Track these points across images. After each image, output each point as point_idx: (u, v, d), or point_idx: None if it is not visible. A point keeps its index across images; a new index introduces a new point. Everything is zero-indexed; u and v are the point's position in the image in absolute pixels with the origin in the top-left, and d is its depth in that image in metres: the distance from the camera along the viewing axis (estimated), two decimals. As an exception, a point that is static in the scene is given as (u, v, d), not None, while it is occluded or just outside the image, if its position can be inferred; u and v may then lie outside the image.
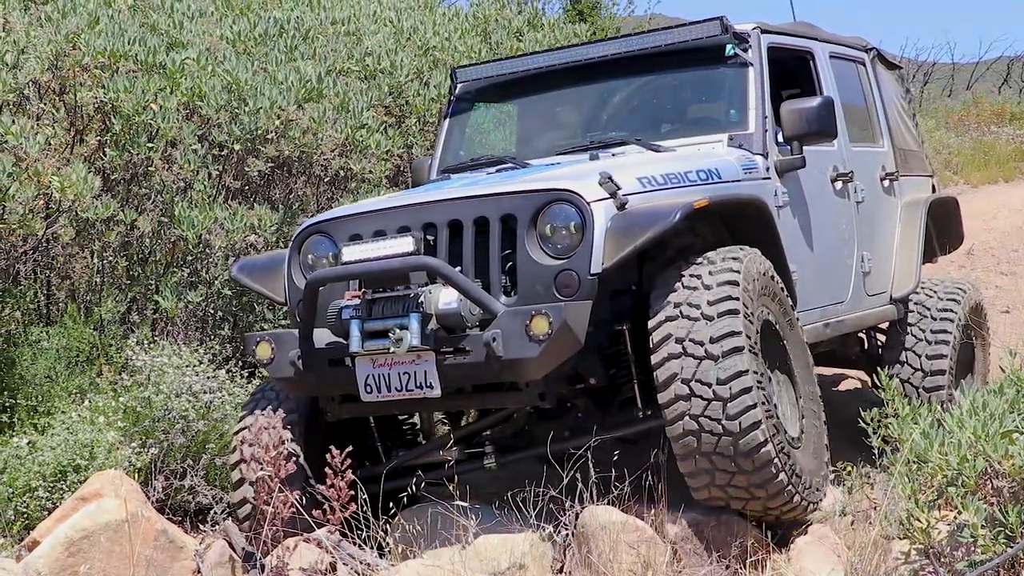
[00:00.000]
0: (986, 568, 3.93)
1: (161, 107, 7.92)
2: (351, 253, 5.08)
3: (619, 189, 4.97)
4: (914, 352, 7.50)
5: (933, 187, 8.61)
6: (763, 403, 4.81)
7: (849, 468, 5.93)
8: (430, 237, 5.20)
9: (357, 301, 5.05)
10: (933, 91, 38.78)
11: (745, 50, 6.25)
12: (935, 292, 7.75)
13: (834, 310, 6.79)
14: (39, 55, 7.66)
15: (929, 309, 7.59)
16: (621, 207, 4.95)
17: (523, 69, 7.11)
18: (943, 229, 8.41)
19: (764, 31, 6.41)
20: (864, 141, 7.59)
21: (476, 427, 6.09)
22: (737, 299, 4.90)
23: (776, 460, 4.81)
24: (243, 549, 5.51)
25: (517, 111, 7.50)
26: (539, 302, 4.83)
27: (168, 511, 6.22)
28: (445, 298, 4.93)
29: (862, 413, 5.87)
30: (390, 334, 4.89)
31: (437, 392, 4.94)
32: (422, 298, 4.91)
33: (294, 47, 9.55)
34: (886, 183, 7.73)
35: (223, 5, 10.36)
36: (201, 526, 6.52)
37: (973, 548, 4.12)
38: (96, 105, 7.87)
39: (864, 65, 7.93)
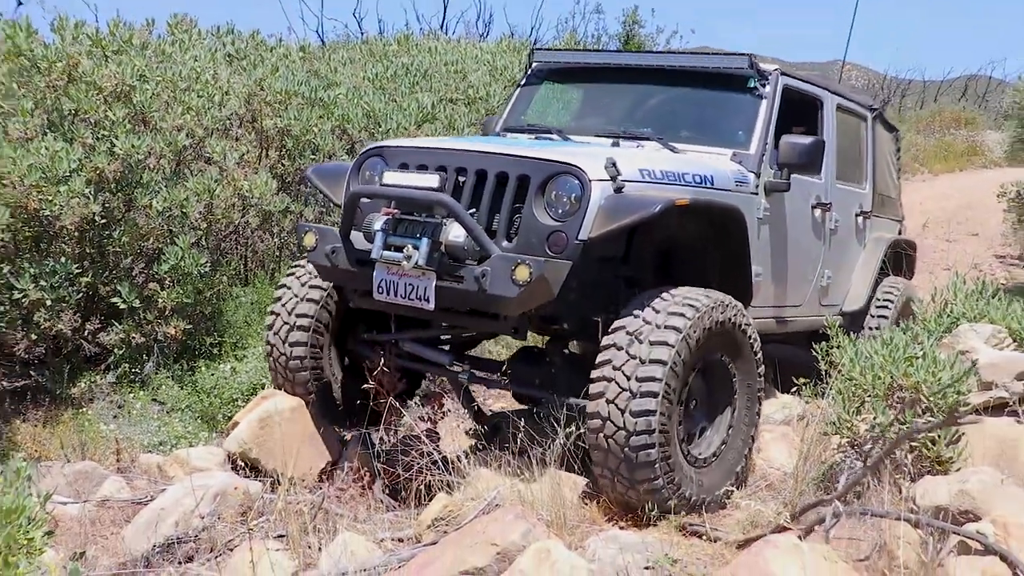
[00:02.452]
0: (888, 449, 3.98)
1: (320, 130, 8.20)
2: (389, 178, 4.81)
3: (619, 175, 4.60)
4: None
5: (900, 231, 8.08)
6: (661, 443, 4.31)
7: (805, 383, 5.87)
8: (461, 179, 4.86)
9: (387, 218, 4.77)
10: (908, 103, 37.90)
11: (763, 85, 5.85)
12: (878, 294, 7.22)
13: (787, 311, 6.35)
14: (237, 95, 7.95)
15: (872, 311, 7.13)
16: (617, 190, 4.58)
17: (585, 61, 6.86)
18: (900, 263, 7.78)
19: (783, 73, 6.03)
20: (850, 181, 7.05)
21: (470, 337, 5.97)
22: (672, 346, 4.36)
23: (664, 489, 4.34)
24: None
25: (578, 95, 6.91)
26: (532, 253, 4.48)
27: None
28: (455, 232, 4.59)
29: (815, 346, 5.93)
30: (405, 250, 4.62)
31: (431, 306, 4.63)
32: (437, 227, 4.63)
33: (415, 83, 9.73)
34: (860, 219, 7.21)
35: (367, 53, 10.59)
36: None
37: (881, 439, 4.16)
38: (276, 129, 8.11)
39: (865, 121, 7.39)
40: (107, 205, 6.79)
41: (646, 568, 3.64)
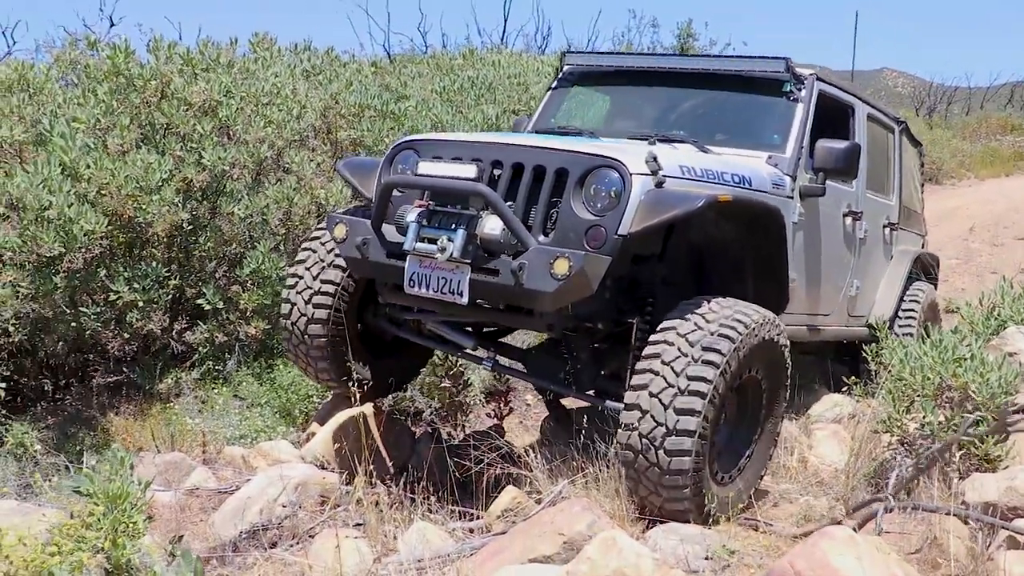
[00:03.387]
0: (932, 451, 3.97)
1: (391, 140, 8.29)
2: (424, 168, 4.52)
3: (660, 169, 4.28)
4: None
5: (923, 246, 7.93)
6: (697, 451, 3.98)
7: (856, 383, 5.86)
8: (496, 172, 4.48)
9: (421, 209, 4.43)
10: (954, 110, 37.33)
11: (799, 89, 5.57)
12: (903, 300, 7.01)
13: (819, 320, 6.04)
14: (314, 109, 8.10)
15: (898, 315, 6.89)
16: (658, 184, 4.25)
17: (618, 65, 6.45)
18: (923, 277, 7.55)
19: (819, 79, 5.74)
20: (878, 192, 6.79)
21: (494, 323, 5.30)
22: (724, 354, 4.06)
23: (688, 501, 4.04)
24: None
25: (609, 99, 6.55)
26: (570, 247, 4.15)
27: (396, 413, 6.17)
28: (491, 225, 4.24)
29: (865, 348, 5.89)
30: (439, 242, 4.28)
31: (464, 300, 4.30)
32: (473, 220, 4.30)
33: (480, 95, 9.81)
34: (887, 230, 6.95)
35: (434, 67, 10.70)
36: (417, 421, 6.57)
37: (931, 437, 4.13)
38: (350, 140, 8.22)
39: (893, 133, 7.15)
40: (194, 213, 6.97)
41: (705, 559, 3.67)
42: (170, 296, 6.96)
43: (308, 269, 5.28)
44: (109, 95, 6.78)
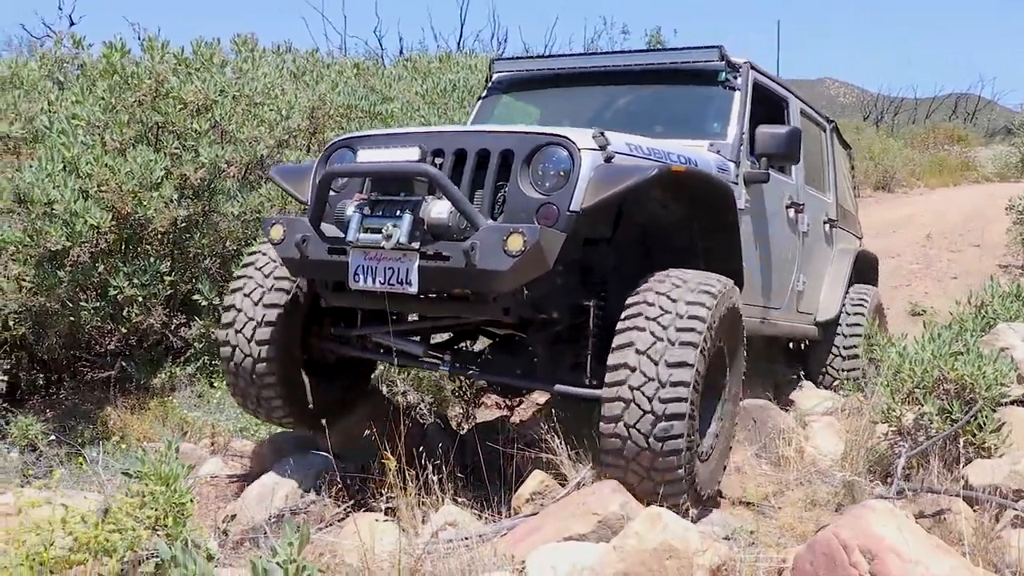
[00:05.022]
0: (937, 438, 4.22)
1: (380, 141, 8.45)
2: (365, 156, 4.29)
3: (608, 144, 4.16)
4: (835, 345, 6.83)
5: (859, 246, 7.82)
6: (688, 433, 3.90)
7: (845, 378, 6.11)
8: (438, 160, 4.29)
9: (362, 201, 4.22)
10: (901, 119, 38.30)
11: (735, 77, 5.50)
12: (850, 297, 7.02)
13: (771, 313, 5.92)
14: (301, 109, 8.21)
15: (848, 312, 6.90)
16: (608, 159, 4.12)
17: (547, 68, 6.16)
18: (863, 276, 7.56)
19: (752, 67, 5.67)
20: (816, 187, 6.76)
21: (444, 325, 5.10)
22: (701, 333, 3.97)
23: (683, 481, 3.95)
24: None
25: (543, 103, 6.26)
26: None
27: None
28: (438, 209, 4.04)
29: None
30: (384, 230, 4.06)
31: (414, 289, 4.06)
32: (418, 205, 4.09)
33: (463, 98, 9.97)
34: (827, 227, 6.94)
35: (413, 71, 10.84)
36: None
37: (929, 428, 4.34)
38: (338, 141, 8.36)
39: (825, 131, 7.19)
40: (190, 209, 7.06)
41: (725, 538, 3.86)
42: (168, 292, 7.04)
43: (247, 296, 4.88)
44: (108, 92, 6.84)
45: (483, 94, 6.46)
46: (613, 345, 4.04)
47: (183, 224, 7.08)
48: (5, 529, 3.38)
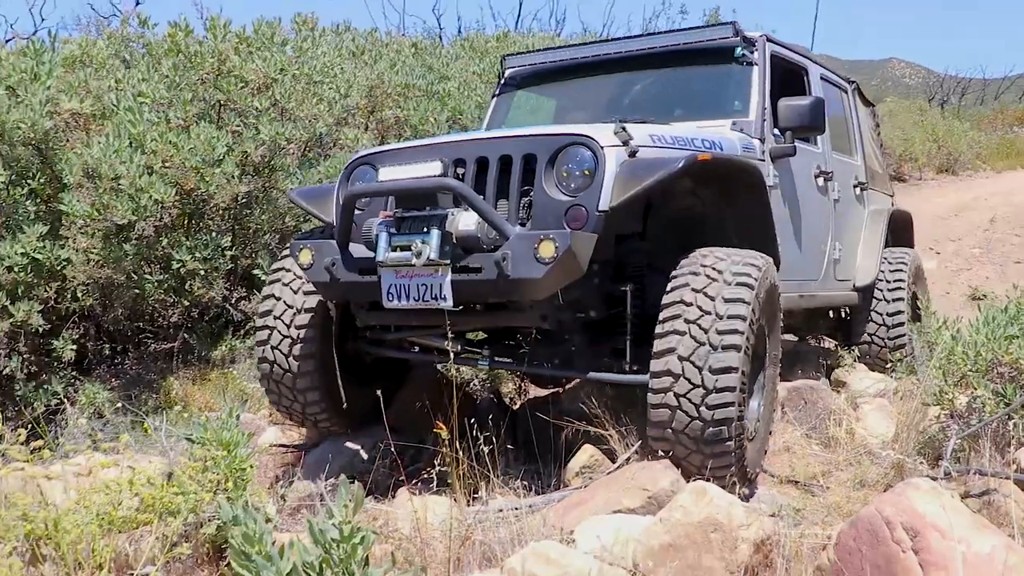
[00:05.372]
0: (989, 421, 4.19)
1: (436, 120, 8.54)
2: (387, 174, 4.27)
3: (631, 139, 4.13)
4: (876, 312, 6.69)
5: (892, 204, 7.72)
6: (738, 404, 3.90)
7: (900, 360, 6.12)
8: (460, 170, 4.28)
9: (388, 219, 4.20)
10: (968, 101, 37.50)
11: (752, 52, 5.41)
12: (887, 261, 6.86)
13: (808, 286, 5.86)
14: (359, 88, 8.33)
15: (887, 279, 6.74)
16: (632, 154, 4.09)
17: (560, 59, 6.08)
18: (898, 236, 7.49)
19: (769, 40, 5.60)
20: (842, 152, 6.66)
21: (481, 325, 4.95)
22: (749, 303, 3.97)
23: (732, 454, 3.95)
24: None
25: (558, 96, 6.25)
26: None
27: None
28: (465, 221, 4.03)
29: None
30: (413, 247, 4.02)
31: (449, 304, 4.04)
32: (445, 219, 4.05)
33: (520, 78, 10.02)
34: (857, 191, 6.83)
35: (470, 50, 10.91)
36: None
37: (982, 411, 4.31)
38: (394, 119, 8.47)
39: (847, 93, 7.08)
40: (251, 186, 7.21)
41: (771, 515, 3.90)
42: (229, 267, 7.21)
43: (278, 319, 4.91)
44: (173, 71, 7.01)
45: (496, 91, 6.41)
46: (661, 318, 4.03)
47: (243, 200, 7.24)
48: (77, 488, 3.54)
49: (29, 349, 6.61)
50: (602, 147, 4.06)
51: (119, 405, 6.12)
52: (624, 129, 4.15)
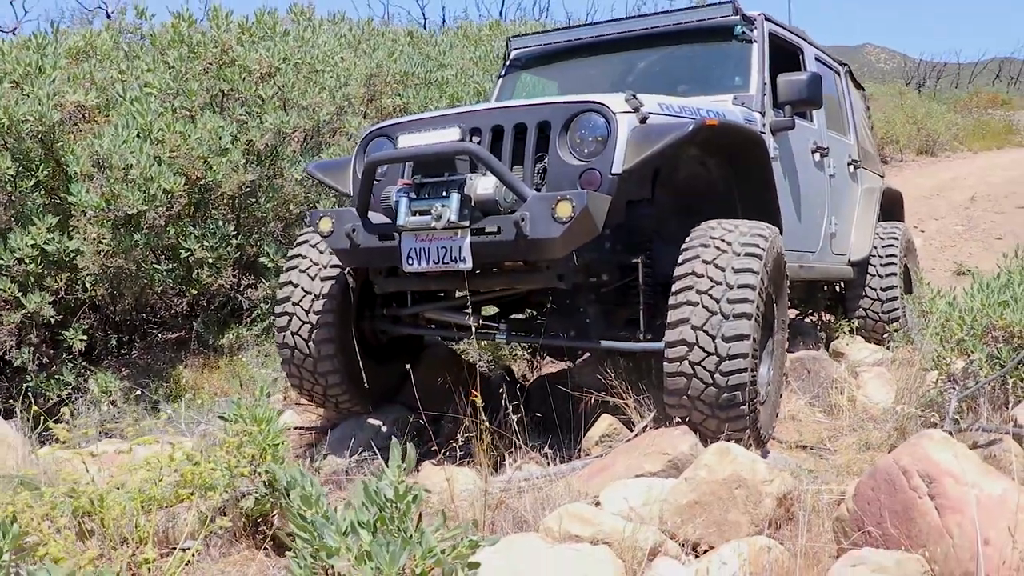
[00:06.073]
0: (986, 381, 4.36)
1: (434, 106, 8.63)
2: (405, 141, 4.30)
3: (642, 106, 4.25)
4: (870, 286, 6.88)
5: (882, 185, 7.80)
6: (751, 369, 4.03)
7: (896, 330, 6.31)
8: (476, 139, 4.37)
9: (408, 185, 4.27)
10: (944, 84, 37.88)
11: (751, 29, 5.55)
12: (879, 236, 7.06)
13: (807, 257, 5.97)
14: (358, 76, 8.43)
15: (879, 253, 6.94)
16: (643, 120, 4.20)
17: (564, 40, 6.24)
18: (889, 213, 7.68)
19: (767, 19, 5.75)
20: (837, 131, 6.81)
21: (494, 296, 5.10)
22: (758, 273, 4.10)
23: (747, 418, 4.09)
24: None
25: (558, 80, 6.34)
26: None
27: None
28: (484, 185, 4.11)
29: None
30: (433, 211, 4.11)
31: (468, 265, 4.11)
32: (463, 184, 4.14)
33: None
34: (851, 168, 6.99)
35: (464, 38, 11.02)
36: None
37: (978, 374, 4.45)
38: (393, 107, 8.57)
39: (839, 75, 7.25)
40: (257, 174, 7.31)
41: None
42: (237, 255, 7.31)
43: (297, 304, 5.01)
44: (179, 61, 7.10)
45: (502, 72, 6.52)
46: (668, 317, 4.14)
47: (247, 189, 7.34)
48: (120, 465, 3.66)
49: (39, 340, 6.71)
50: (614, 113, 4.18)
51: (138, 393, 6.21)
52: (635, 96, 4.27)
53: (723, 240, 4.25)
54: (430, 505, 3.97)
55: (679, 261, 4.26)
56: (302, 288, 5.01)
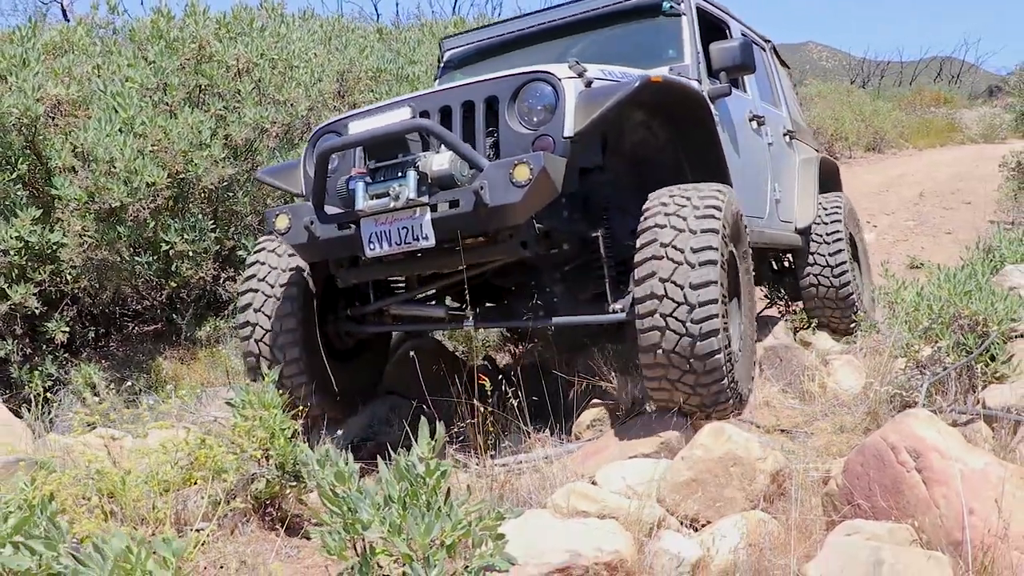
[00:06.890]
0: (955, 366, 4.61)
1: (407, 103, 8.76)
2: (356, 127, 4.28)
3: (585, 71, 4.31)
4: (819, 254, 6.86)
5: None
6: (722, 316, 4.07)
7: (862, 319, 6.57)
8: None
9: (363, 173, 4.26)
10: (887, 82, 38.72)
11: (679, 3, 5.60)
12: (823, 207, 7.07)
13: (756, 222, 5.89)
14: (331, 73, 8.52)
15: (824, 221, 6.95)
16: (588, 84, 4.25)
17: (496, 35, 6.23)
18: (826, 185, 7.60)
19: None
20: (769, 103, 6.85)
21: (457, 280, 4.81)
22: (719, 220, 4.16)
23: (723, 367, 4.09)
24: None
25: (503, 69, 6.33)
26: None
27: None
28: (439, 161, 4.12)
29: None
30: (391, 192, 4.12)
31: (431, 242, 4.11)
32: (418, 161, 4.15)
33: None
34: (787, 139, 6.99)
35: (430, 35, 11.12)
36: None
37: (945, 360, 4.70)
38: (366, 103, 8.67)
39: (764, 51, 7.28)
40: (237, 168, 7.38)
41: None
42: (216, 248, 7.38)
43: (258, 312, 4.98)
44: (160, 56, 7.14)
45: (438, 74, 6.53)
46: (635, 275, 4.17)
47: (225, 183, 7.41)
48: (137, 449, 3.76)
49: (22, 332, 6.73)
50: (560, 79, 4.23)
51: (129, 383, 6.26)
52: (577, 62, 4.35)
53: (682, 196, 4.32)
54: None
55: (641, 219, 4.31)
56: (262, 294, 5.00)
